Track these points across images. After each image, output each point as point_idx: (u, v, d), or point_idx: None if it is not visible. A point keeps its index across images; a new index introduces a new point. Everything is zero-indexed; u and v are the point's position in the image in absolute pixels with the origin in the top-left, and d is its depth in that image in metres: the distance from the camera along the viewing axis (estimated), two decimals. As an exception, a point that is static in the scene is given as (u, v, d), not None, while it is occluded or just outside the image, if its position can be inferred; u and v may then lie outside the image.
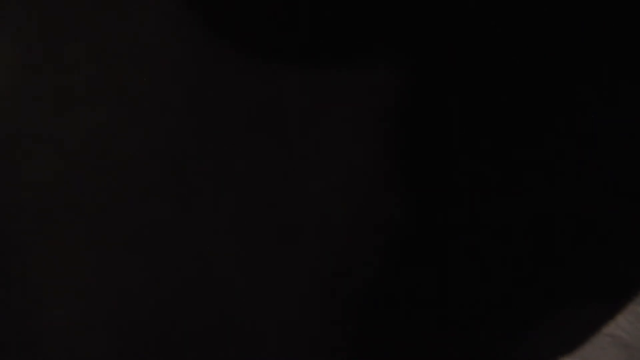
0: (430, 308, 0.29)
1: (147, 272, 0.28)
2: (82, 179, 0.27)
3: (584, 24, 0.28)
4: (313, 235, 0.28)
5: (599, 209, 0.29)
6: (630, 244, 0.29)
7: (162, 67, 0.27)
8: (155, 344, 0.28)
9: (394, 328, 0.29)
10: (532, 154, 0.28)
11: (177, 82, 0.27)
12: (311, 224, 0.28)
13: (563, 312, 0.29)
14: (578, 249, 0.29)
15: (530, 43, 0.28)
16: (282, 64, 0.27)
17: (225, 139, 0.27)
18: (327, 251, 0.28)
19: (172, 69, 0.27)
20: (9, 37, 0.26)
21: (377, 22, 0.27)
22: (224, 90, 0.27)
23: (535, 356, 0.30)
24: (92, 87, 0.27)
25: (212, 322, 0.28)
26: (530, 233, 0.29)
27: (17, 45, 0.26)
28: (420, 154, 0.28)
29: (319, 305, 0.28)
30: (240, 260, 0.28)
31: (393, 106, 0.28)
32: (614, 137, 0.29)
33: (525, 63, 0.28)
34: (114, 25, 0.26)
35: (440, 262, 0.29)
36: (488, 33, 0.28)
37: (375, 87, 0.27)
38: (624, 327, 0.32)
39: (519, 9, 0.28)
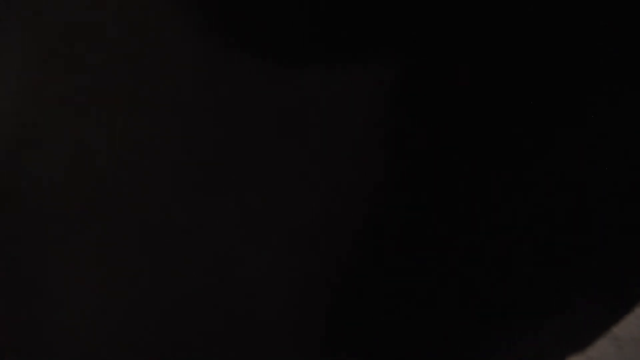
0: (435, 309, 0.29)
1: (160, 274, 0.28)
2: (95, 181, 0.27)
3: (583, 21, 0.28)
4: (316, 234, 0.28)
5: (605, 209, 0.29)
6: (636, 243, 0.29)
7: (176, 72, 0.26)
8: (166, 346, 0.28)
9: (396, 328, 0.29)
10: (532, 152, 0.28)
11: (188, 85, 0.27)
12: (314, 223, 0.28)
13: (570, 312, 0.29)
14: (586, 248, 0.29)
15: (529, 41, 0.28)
16: (282, 64, 0.27)
17: (236, 141, 0.27)
18: (331, 250, 0.28)
19: (184, 73, 0.26)
20: (34, 42, 0.26)
21: (375, 21, 0.27)
22: (235, 92, 0.27)
23: (543, 356, 0.30)
24: (110, 90, 0.26)
25: (223, 323, 0.28)
26: (534, 232, 0.29)
27: (40, 50, 0.26)
28: (418, 151, 0.28)
29: (325, 305, 0.28)
30: (252, 259, 0.28)
31: (391, 105, 0.27)
32: (614, 136, 0.28)
33: (525, 61, 0.28)
34: (130, 32, 0.26)
35: (442, 262, 0.29)
36: (486, 30, 0.27)
37: (375, 85, 0.27)
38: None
39: (520, 6, 0.27)
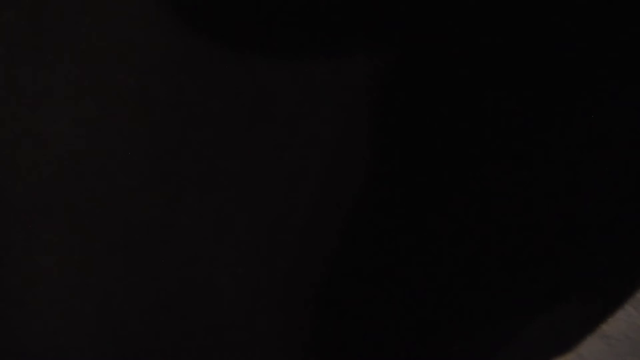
0: (428, 307, 0.29)
1: (137, 273, 0.27)
2: (67, 179, 0.27)
3: (579, 18, 0.28)
4: (301, 235, 0.28)
5: (595, 209, 0.29)
6: (626, 243, 0.29)
7: (147, 65, 0.26)
8: (146, 345, 0.28)
9: (391, 326, 0.29)
10: (529, 151, 0.28)
11: (162, 79, 0.26)
12: (299, 223, 0.28)
13: (560, 311, 0.30)
14: (575, 248, 0.29)
15: (524, 38, 0.28)
16: (267, 58, 0.27)
17: (212, 137, 0.27)
18: (316, 251, 0.28)
19: (157, 66, 0.26)
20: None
21: (362, 13, 0.27)
22: (209, 87, 0.26)
23: (534, 356, 0.30)
24: (78, 86, 0.26)
25: (200, 323, 0.28)
26: (526, 232, 0.29)
27: (5, 46, 0.26)
28: (408, 147, 0.28)
29: (314, 308, 0.28)
30: (229, 260, 0.27)
31: (379, 98, 0.27)
32: (613, 136, 0.28)
33: (519, 57, 0.28)
34: (100, 24, 0.26)
35: (435, 261, 0.29)
36: (479, 25, 0.27)
37: (361, 79, 0.27)
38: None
39: (515, 2, 0.27)
